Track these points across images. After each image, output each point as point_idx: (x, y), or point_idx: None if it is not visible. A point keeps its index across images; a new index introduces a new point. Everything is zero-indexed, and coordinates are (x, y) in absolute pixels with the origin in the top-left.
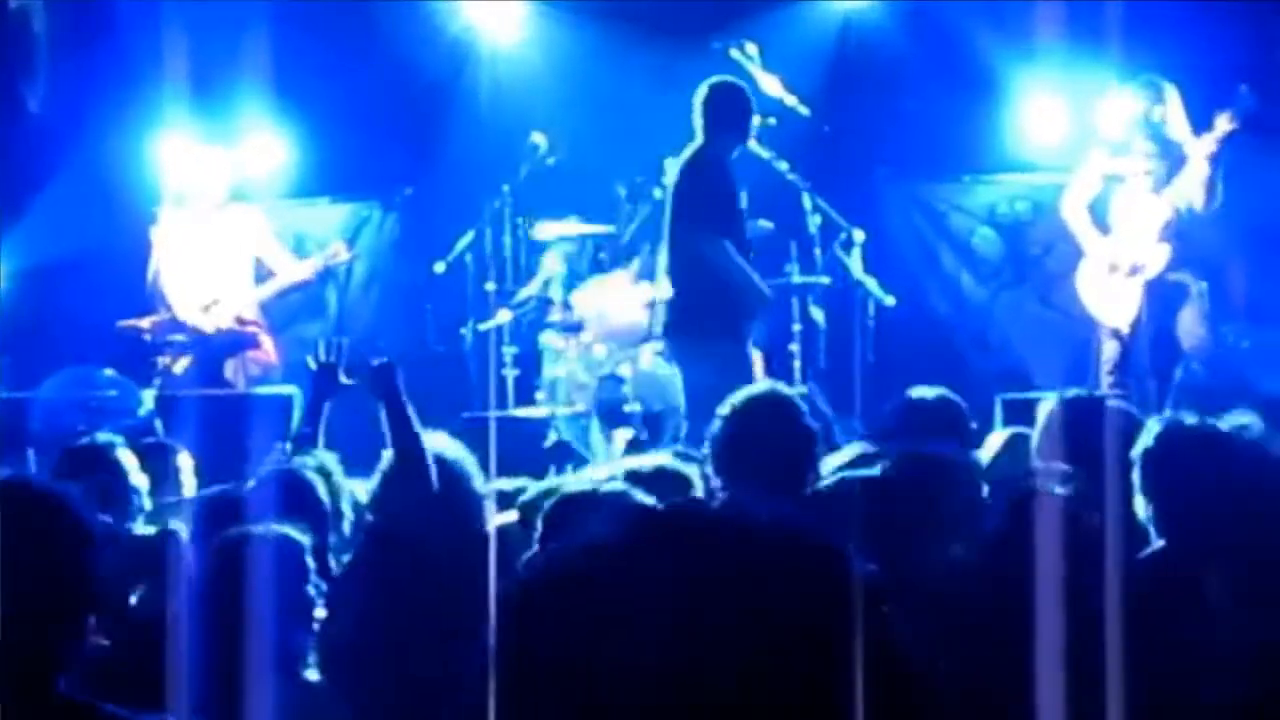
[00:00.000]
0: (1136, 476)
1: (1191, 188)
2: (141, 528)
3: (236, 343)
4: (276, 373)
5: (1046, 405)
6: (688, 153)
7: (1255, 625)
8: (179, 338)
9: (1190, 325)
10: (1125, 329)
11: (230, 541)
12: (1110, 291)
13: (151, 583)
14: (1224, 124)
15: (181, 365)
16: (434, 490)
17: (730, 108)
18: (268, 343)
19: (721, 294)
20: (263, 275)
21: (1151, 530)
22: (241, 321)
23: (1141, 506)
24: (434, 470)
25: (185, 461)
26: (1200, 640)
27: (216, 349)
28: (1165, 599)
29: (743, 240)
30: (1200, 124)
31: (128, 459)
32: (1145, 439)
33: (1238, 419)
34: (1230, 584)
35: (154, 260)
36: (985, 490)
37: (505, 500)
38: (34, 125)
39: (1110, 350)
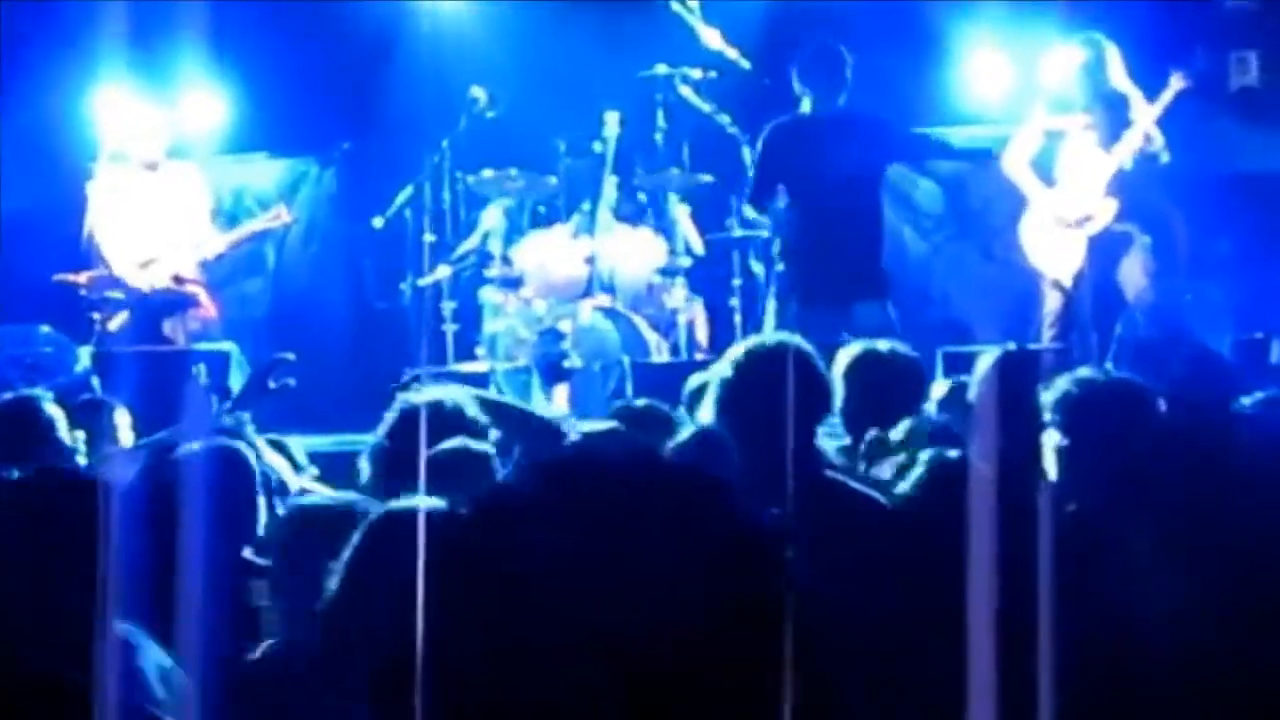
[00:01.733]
0: (1055, 425)
1: (1142, 141)
2: None
3: (174, 301)
4: (215, 329)
5: (985, 359)
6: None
7: (1175, 581)
8: (116, 294)
9: (1133, 278)
10: (1068, 281)
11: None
12: (1054, 244)
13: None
14: (1177, 82)
15: (118, 322)
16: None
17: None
18: (206, 300)
19: None
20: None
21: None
22: (179, 279)
23: (1051, 460)
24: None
25: (122, 418)
26: (1119, 597)
27: (154, 307)
28: (1086, 555)
29: None
30: (1144, 79)
31: (55, 413)
32: (1057, 390)
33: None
34: (1149, 540)
35: (90, 217)
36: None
37: None
38: None
39: (1052, 303)
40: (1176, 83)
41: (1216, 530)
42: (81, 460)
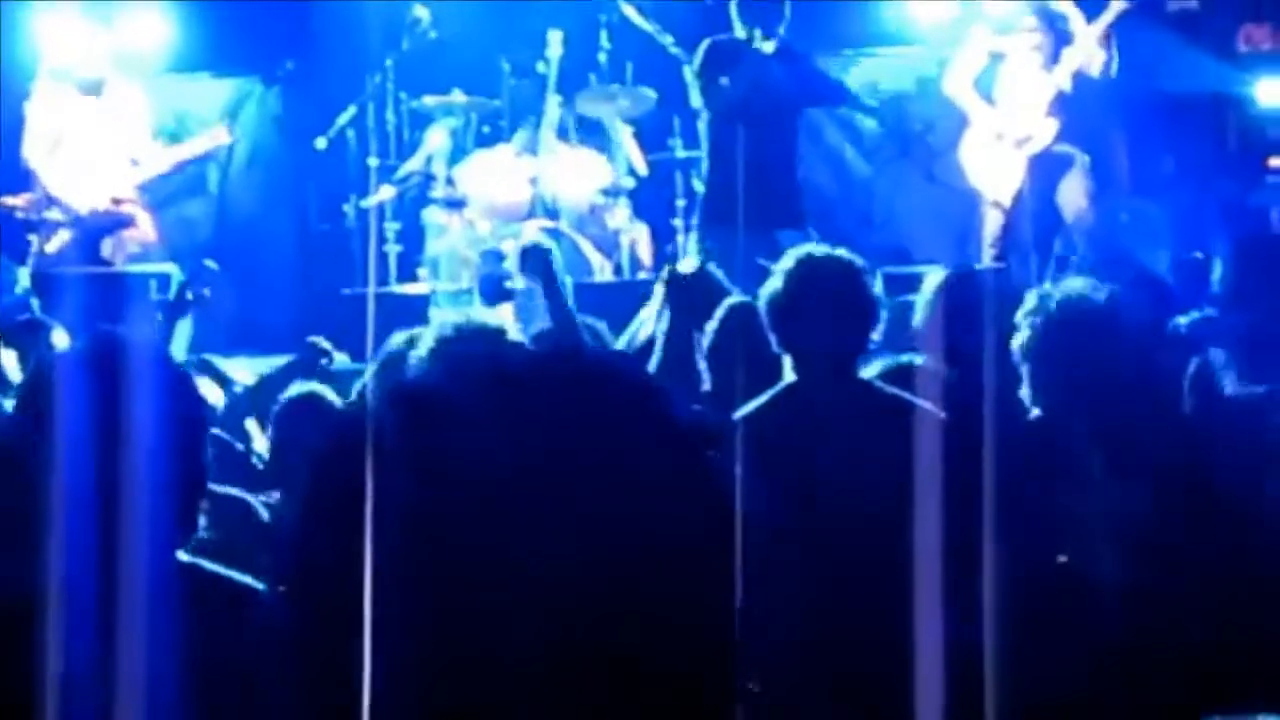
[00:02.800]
0: (1017, 345)
1: (1083, 61)
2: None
3: (112, 222)
4: (155, 251)
5: (932, 279)
6: None
7: (1128, 497)
8: (54, 215)
9: (1072, 198)
10: (1008, 202)
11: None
12: (995, 164)
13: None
14: (1117, 4)
15: (56, 244)
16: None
17: None
18: (145, 221)
19: None
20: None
21: (1029, 399)
22: (117, 201)
23: (1025, 376)
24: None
25: (60, 338)
26: (1074, 511)
27: (92, 228)
28: (1041, 468)
29: None
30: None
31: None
32: (1027, 308)
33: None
34: (1106, 455)
35: (29, 138)
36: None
37: None
38: None
39: (993, 223)
40: (1117, 4)
41: (1154, 445)
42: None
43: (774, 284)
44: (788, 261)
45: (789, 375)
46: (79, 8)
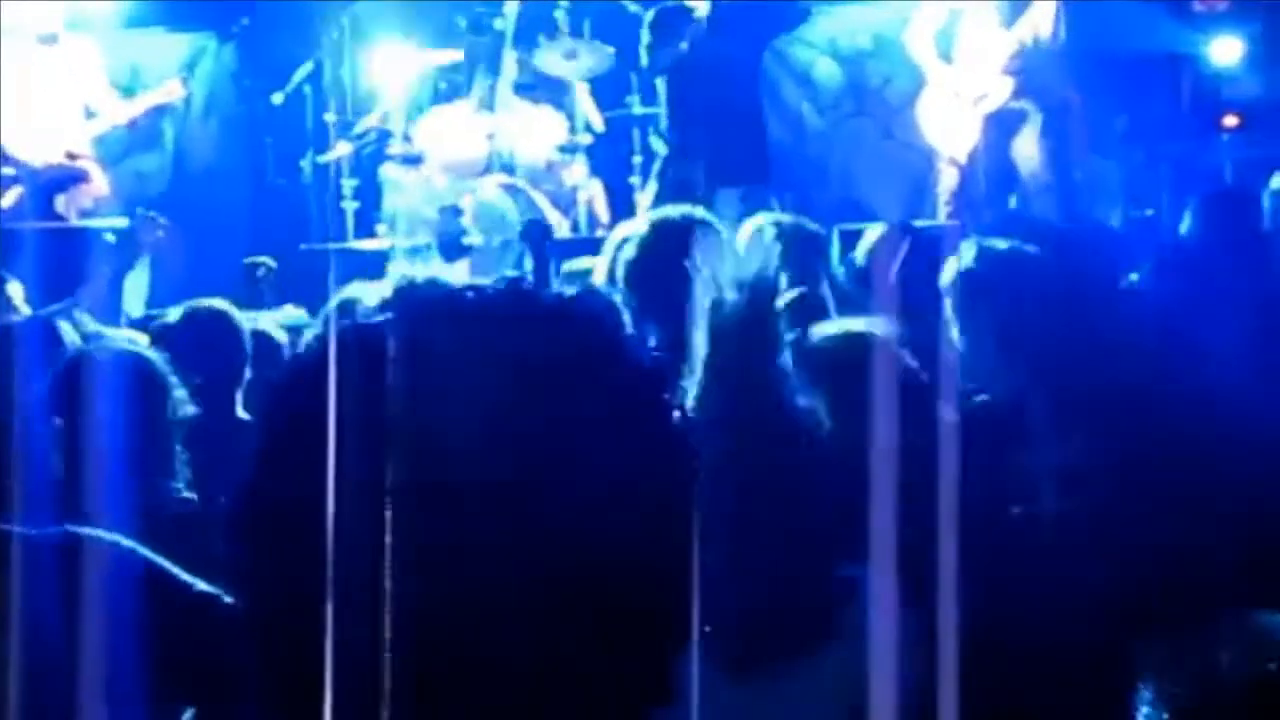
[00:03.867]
0: (950, 299)
1: (1039, 21)
2: None
3: (66, 177)
4: (108, 205)
5: (873, 233)
6: None
7: (1071, 446)
8: (7, 171)
9: (1027, 154)
10: (963, 158)
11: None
12: (951, 121)
13: None
14: None
15: (9, 199)
16: None
17: None
18: (99, 176)
19: None
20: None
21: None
22: (71, 155)
23: (954, 330)
24: None
25: (15, 290)
26: (1020, 462)
27: (45, 183)
28: (984, 423)
29: None
30: None
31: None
32: (960, 262)
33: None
34: (1047, 406)
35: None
36: None
37: None
38: None
39: (949, 179)
40: None
41: (1112, 401)
42: None
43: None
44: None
45: None
46: None
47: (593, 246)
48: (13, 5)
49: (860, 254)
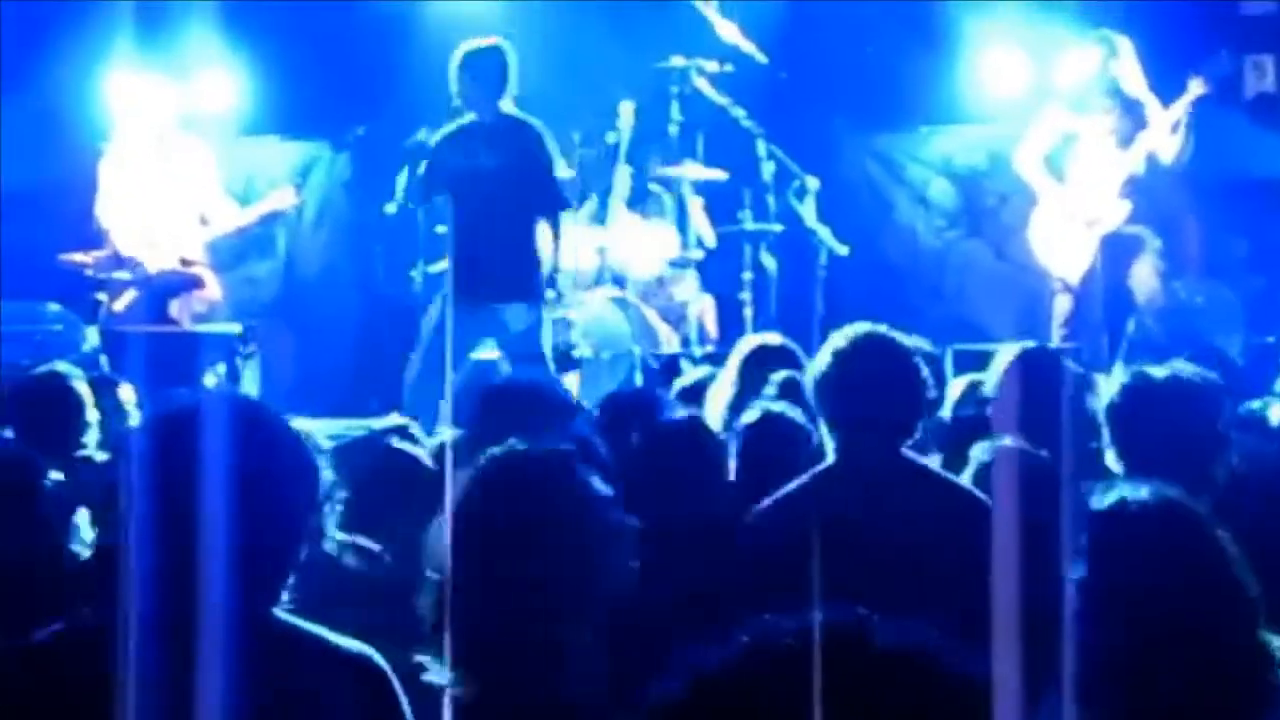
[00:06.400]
0: (1105, 431)
1: (1157, 145)
2: (98, 455)
3: (179, 283)
4: (221, 311)
5: (1004, 355)
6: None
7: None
8: (121, 275)
9: (1144, 279)
10: (1078, 282)
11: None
12: (1065, 244)
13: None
14: (1196, 88)
15: (123, 302)
16: None
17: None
18: (211, 282)
19: None
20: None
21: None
22: (185, 261)
23: (1113, 460)
24: None
25: (128, 394)
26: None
27: (159, 287)
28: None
29: None
30: (1162, 80)
31: (84, 392)
32: (1109, 392)
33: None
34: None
35: (101, 195)
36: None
37: None
38: None
39: (1063, 303)
40: (1195, 88)
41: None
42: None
43: (823, 360)
44: (838, 339)
45: (830, 458)
46: (151, 68)
47: (703, 362)
48: (130, 111)
49: (992, 376)
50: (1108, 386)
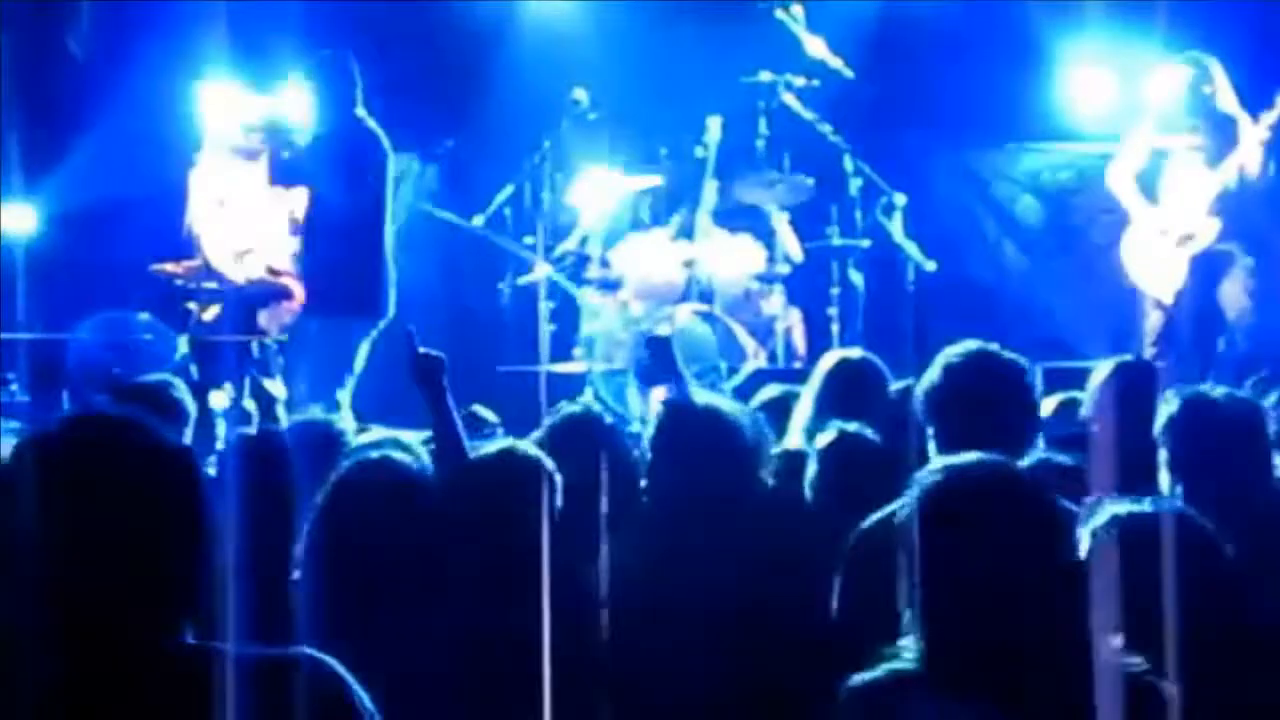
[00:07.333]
0: (1161, 451)
1: (1246, 162)
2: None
3: (268, 293)
4: None
5: (1101, 370)
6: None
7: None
8: (211, 285)
9: (1235, 297)
10: (1169, 300)
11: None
12: (1156, 262)
13: None
14: None
15: (212, 313)
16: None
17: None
18: (300, 293)
19: None
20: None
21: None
22: (274, 272)
23: (1165, 481)
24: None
25: (219, 402)
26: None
27: (248, 298)
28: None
29: None
30: (1251, 97)
31: (186, 398)
32: (1167, 411)
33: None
34: (1258, 556)
35: (191, 205)
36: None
37: None
38: (76, 69)
39: (1153, 321)
40: None
41: None
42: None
43: (934, 374)
44: (951, 355)
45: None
46: (241, 79)
47: (790, 377)
48: (220, 121)
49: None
50: (1166, 404)
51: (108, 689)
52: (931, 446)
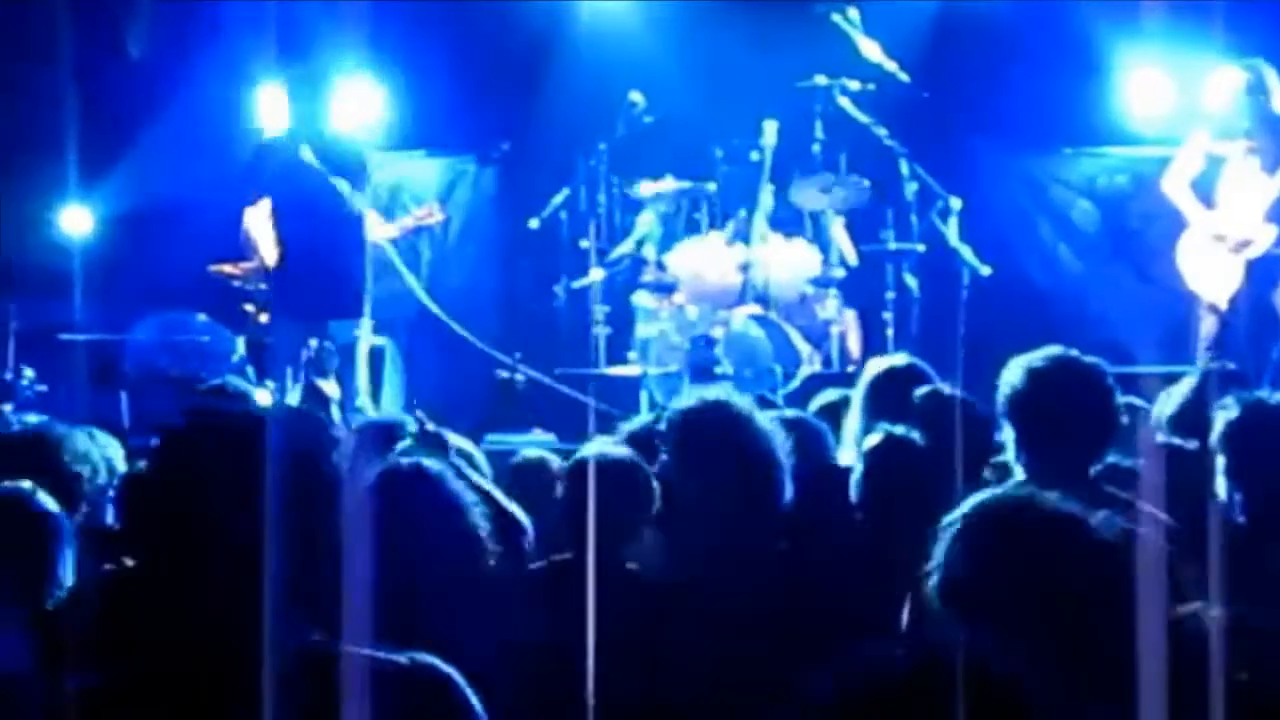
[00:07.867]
0: (1219, 457)
1: None
2: None
3: None
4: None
5: (1187, 381)
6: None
7: None
8: (265, 287)
9: None
10: (1225, 305)
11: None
12: (1212, 266)
13: None
14: None
15: (268, 314)
16: None
17: None
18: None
19: None
20: None
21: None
22: None
23: (1223, 488)
24: None
25: (264, 399)
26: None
27: None
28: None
29: None
30: None
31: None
32: (1225, 418)
33: None
34: None
35: (249, 207)
36: None
37: None
38: (134, 71)
39: (1208, 326)
40: None
41: None
42: None
43: (1016, 377)
44: (1035, 359)
45: (1017, 475)
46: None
47: (845, 381)
48: (277, 124)
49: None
50: (1225, 411)
51: (244, 686)
52: (1010, 449)
